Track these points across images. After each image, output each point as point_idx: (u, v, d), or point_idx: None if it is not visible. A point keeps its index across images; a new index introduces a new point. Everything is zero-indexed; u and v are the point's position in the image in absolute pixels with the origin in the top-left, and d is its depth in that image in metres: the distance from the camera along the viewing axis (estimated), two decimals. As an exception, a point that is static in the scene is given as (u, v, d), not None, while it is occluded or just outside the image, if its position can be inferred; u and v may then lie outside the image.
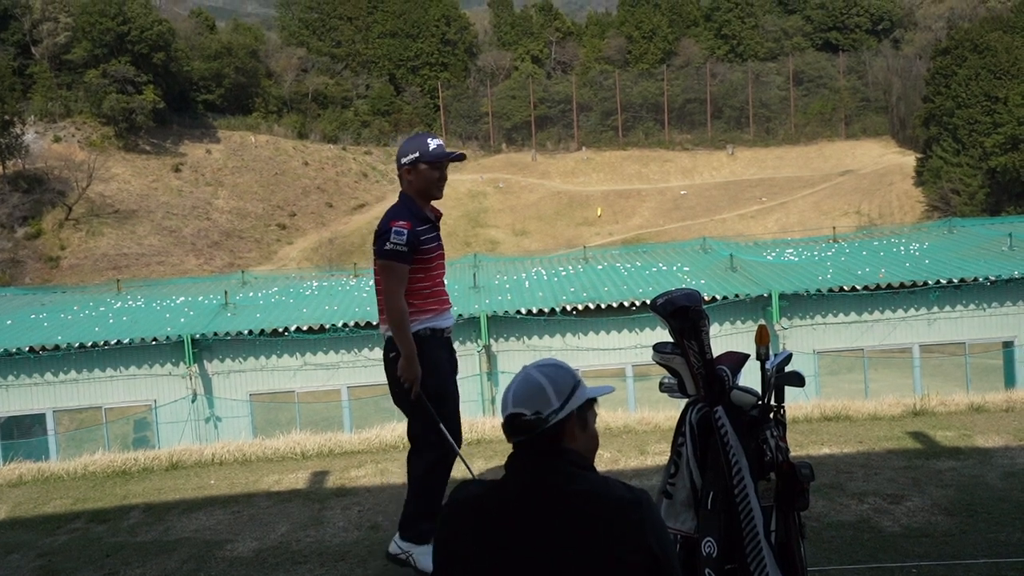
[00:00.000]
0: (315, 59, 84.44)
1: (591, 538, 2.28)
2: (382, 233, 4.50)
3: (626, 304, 17.04)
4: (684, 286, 3.51)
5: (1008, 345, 17.38)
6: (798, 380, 3.48)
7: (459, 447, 4.71)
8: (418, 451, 4.71)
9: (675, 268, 20.08)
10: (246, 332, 16.97)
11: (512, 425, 2.40)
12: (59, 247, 58.47)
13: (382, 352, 4.84)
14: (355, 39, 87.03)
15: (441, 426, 4.56)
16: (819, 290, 16.93)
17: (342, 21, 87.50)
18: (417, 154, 4.57)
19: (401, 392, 4.67)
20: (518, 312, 17.09)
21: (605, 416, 7.65)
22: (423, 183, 4.60)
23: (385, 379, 4.84)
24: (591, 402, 2.48)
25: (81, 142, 67.23)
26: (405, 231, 4.46)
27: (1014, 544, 4.55)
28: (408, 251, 4.47)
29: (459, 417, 4.80)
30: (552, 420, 2.38)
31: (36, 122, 66.75)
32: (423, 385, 4.59)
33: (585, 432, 2.47)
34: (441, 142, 4.68)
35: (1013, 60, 62.61)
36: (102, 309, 19.85)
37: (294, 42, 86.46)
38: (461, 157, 4.73)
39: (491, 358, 17.12)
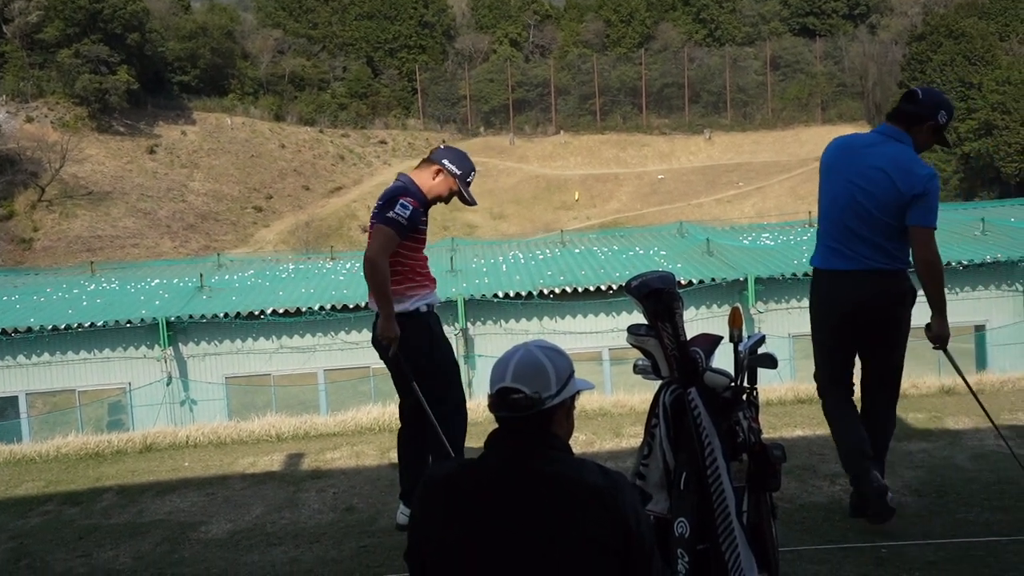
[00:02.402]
0: (291, 41, 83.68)
1: (566, 520, 2.29)
2: (388, 202, 4.72)
3: (603, 288, 17.08)
4: (660, 269, 3.55)
5: (980, 329, 17.56)
6: (771, 362, 3.51)
7: (465, 415, 5.03)
8: (441, 417, 4.83)
9: (652, 252, 20.14)
10: (222, 315, 16.88)
11: (504, 400, 2.39)
12: (32, 229, 57.85)
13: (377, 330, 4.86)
14: (332, 21, 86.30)
15: (415, 385, 4.76)
16: (794, 274, 17.03)
17: (318, 2, 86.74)
18: (460, 173, 4.92)
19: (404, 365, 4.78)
20: (495, 296, 17.09)
21: (581, 399, 7.67)
22: (439, 190, 4.94)
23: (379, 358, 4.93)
24: (576, 393, 2.52)
25: (54, 123, 66.37)
26: (411, 208, 4.70)
27: (982, 524, 4.61)
28: (407, 227, 4.70)
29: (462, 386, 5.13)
30: (548, 404, 2.39)
31: (8, 102, 65.88)
32: (432, 357, 4.85)
33: (568, 421, 2.50)
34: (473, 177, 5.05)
35: (988, 47, 63.07)
36: (76, 291, 19.68)
37: (270, 23, 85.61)
38: (472, 204, 5.09)
39: (468, 341, 17.13)
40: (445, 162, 4.90)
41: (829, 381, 4.82)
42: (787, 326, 17.14)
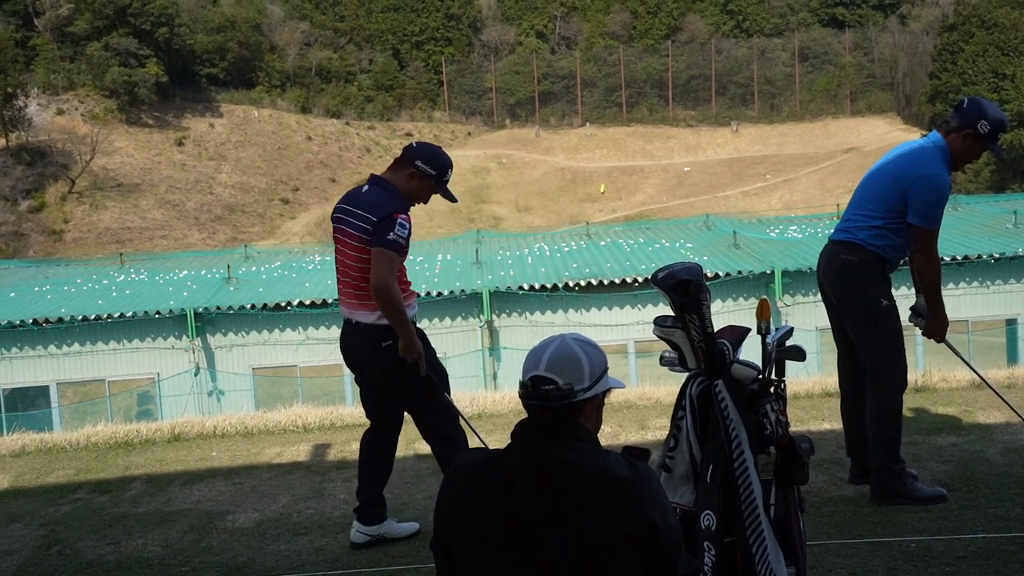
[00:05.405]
0: (318, 33, 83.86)
1: (591, 510, 2.29)
2: (385, 222, 4.49)
3: (629, 280, 17.03)
4: (686, 261, 3.54)
5: (1011, 323, 17.37)
6: (799, 354, 3.47)
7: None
8: (442, 437, 4.76)
9: (678, 245, 20.06)
10: (249, 306, 16.99)
11: (536, 389, 2.39)
12: (62, 220, 58.42)
13: (358, 343, 4.86)
14: (358, 13, 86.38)
15: (449, 398, 4.76)
16: (822, 267, 16.87)
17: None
18: (435, 173, 4.67)
19: (396, 386, 4.71)
20: (520, 288, 17.09)
21: (606, 391, 7.65)
22: (416, 193, 4.71)
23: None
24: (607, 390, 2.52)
25: (84, 115, 66.92)
26: (407, 225, 4.54)
27: (1014, 519, 4.56)
28: (406, 245, 4.56)
29: None
30: (580, 397, 2.39)
31: (39, 94, 66.43)
32: (428, 366, 4.70)
33: (597, 416, 2.50)
34: (449, 175, 4.80)
35: (1021, 37, 62.24)
36: (105, 282, 19.88)
37: (297, 16, 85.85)
38: (452, 200, 4.81)
39: (493, 334, 17.14)
40: (419, 163, 4.64)
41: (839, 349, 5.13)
42: (814, 319, 16.96)
